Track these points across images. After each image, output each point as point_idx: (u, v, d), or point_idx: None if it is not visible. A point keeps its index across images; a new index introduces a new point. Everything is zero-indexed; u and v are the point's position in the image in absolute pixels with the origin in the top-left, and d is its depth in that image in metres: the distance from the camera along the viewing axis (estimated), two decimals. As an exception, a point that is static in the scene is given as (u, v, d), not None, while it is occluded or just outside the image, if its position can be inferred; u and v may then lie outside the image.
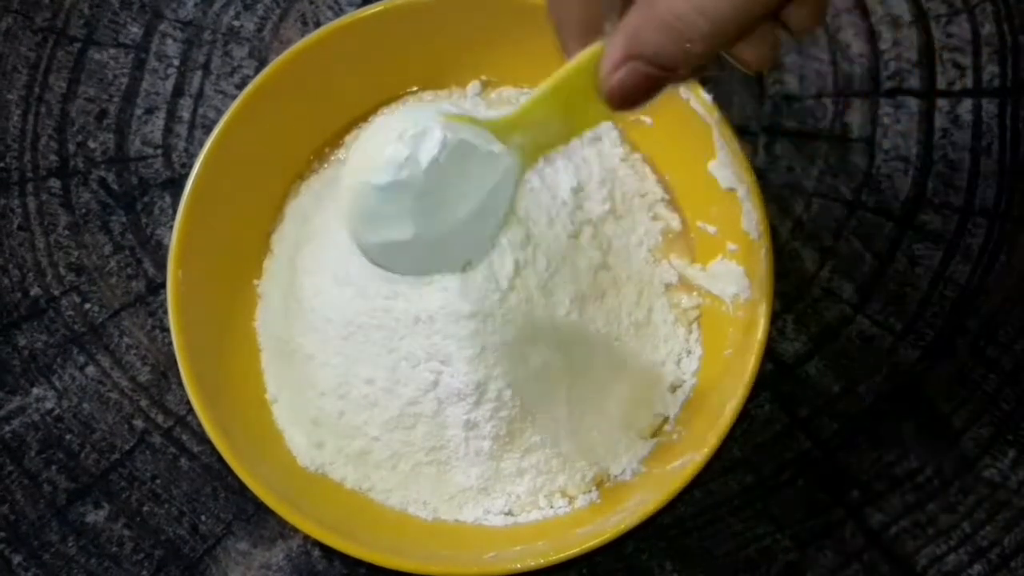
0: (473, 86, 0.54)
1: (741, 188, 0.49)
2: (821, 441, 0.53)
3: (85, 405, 0.54)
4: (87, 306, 0.55)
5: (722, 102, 0.53)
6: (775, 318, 0.48)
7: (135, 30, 0.57)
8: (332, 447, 0.51)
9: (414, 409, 0.49)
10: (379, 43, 0.52)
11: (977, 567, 0.52)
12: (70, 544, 0.53)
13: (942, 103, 0.55)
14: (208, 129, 0.56)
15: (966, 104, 0.55)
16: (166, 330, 0.54)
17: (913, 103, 0.55)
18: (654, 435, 0.52)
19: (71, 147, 0.56)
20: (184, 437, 0.54)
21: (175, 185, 0.55)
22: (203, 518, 0.53)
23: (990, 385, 0.53)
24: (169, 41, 0.57)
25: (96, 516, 0.53)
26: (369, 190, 0.39)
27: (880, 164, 0.55)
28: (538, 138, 0.41)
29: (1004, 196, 0.54)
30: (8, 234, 0.55)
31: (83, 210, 0.55)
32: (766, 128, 0.55)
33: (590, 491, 0.51)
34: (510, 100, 0.54)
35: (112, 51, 0.57)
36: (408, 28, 0.52)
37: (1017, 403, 0.53)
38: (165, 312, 0.49)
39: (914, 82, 0.55)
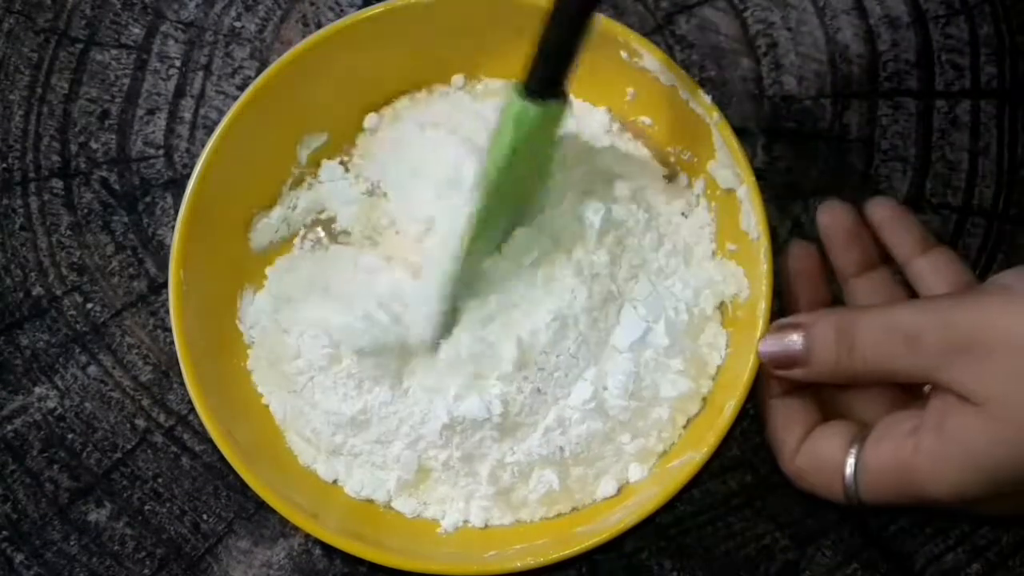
0: (456, 79, 0.54)
1: (740, 188, 0.49)
2: (820, 440, 0.53)
3: (87, 404, 0.54)
4: (89, 306, 0.55)
5: (722, 103, 0.53)
6: (774, 318, 0.48)
7: (137, 31, 0.57)
8: (331, 446, 0.51)
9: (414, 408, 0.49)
10: (380, 44, 0.52)
11: (975, 566, 0.52)
12: (72, 543, 0.53)
13: (940, 104, 0.55)
14: (210, 130, 0.56)
15: (964, 105, 0.55)
16: (168, 330, 0.54)
17: (911, 104, 0.55)
18: (653, 434, 0.52)
19: (73, 147, 0.56)
20: (186, 436, 0.54)
21: (177, 185, 0.56)
22: (204, 517, 0.53)
23: (988, 384, 0.53)
24: (171, 42, 0.57)
25: (98, 515, 0.53)
26: None
27: (878, 164, 0.55)
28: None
29: (1002, 196, 0.54)
30: (10, 234, 0.55)
31: (85, 210, 0.56)
32: (765, 129, 0.55)
33: (590, 490, 0.51)
34: (497, 92, 0.54)
35: (114, 52, 0.57)
36: (409, 29, 0.52)
37: (1015, 402, 0.53)
38: (167, 312, 0.50)
39: (912, 83, 0.55)
